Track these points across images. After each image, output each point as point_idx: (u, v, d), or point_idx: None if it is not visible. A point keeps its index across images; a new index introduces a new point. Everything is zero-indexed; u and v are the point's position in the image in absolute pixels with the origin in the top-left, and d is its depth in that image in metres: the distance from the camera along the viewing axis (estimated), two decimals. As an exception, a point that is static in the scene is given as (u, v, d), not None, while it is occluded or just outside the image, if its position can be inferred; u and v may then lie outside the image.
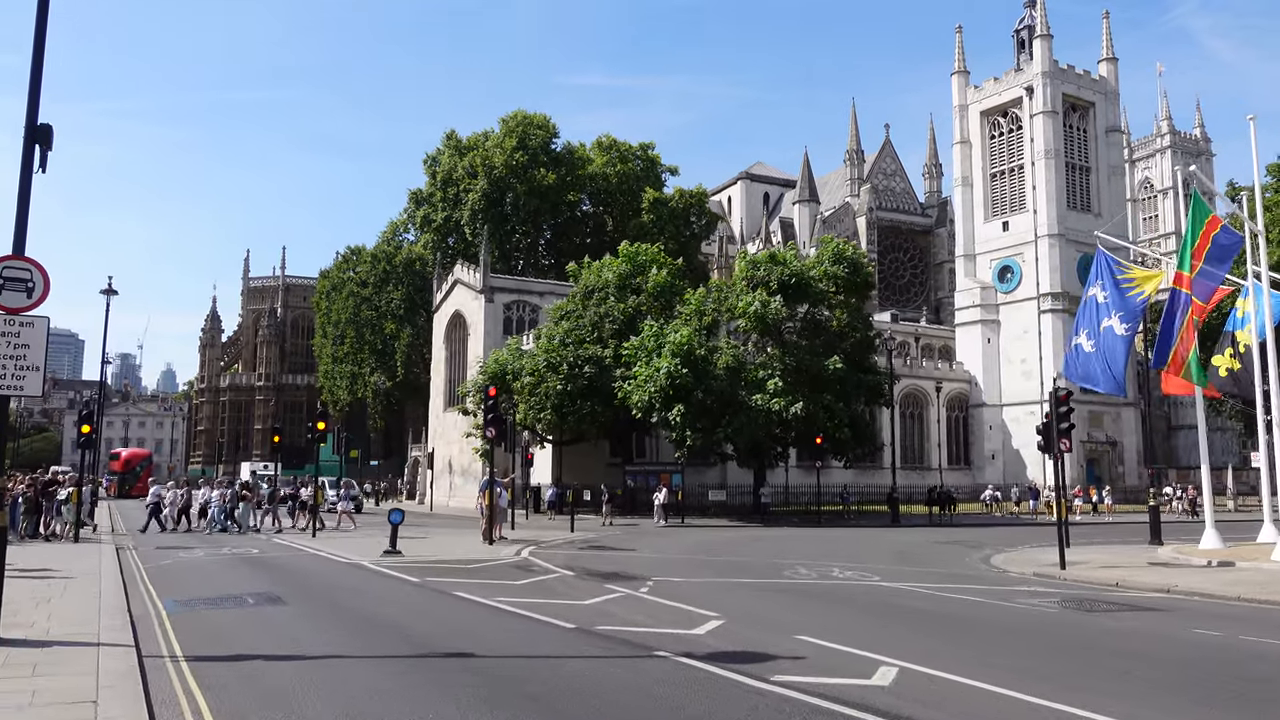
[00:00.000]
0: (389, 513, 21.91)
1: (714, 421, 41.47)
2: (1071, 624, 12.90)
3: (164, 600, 14.23)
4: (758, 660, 9.26)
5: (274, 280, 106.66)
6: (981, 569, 21.61)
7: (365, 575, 18.11)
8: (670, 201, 74.96)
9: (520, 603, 13.58)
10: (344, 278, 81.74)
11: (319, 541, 25.69)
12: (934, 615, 13.37)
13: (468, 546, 24.51)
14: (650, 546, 25.88)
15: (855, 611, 13.70)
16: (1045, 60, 69.64)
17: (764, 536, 31.56)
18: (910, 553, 25.35)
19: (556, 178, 70.93)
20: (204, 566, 19.85)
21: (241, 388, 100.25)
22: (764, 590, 16.23)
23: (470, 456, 57.20)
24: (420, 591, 15.51)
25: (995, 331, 71.34)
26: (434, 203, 75.57)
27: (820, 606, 14.22)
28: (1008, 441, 70.01)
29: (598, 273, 48.99)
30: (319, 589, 16.11)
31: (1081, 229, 69.95)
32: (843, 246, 47.18)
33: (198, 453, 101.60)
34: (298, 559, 21.71)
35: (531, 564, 20.14)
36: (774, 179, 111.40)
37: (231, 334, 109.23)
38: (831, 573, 19.04)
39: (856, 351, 45.65)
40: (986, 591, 16.52)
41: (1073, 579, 19.04)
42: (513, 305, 60.41)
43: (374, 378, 76.61)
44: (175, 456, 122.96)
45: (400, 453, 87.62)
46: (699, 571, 19.26)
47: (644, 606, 13.53)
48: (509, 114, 75.45)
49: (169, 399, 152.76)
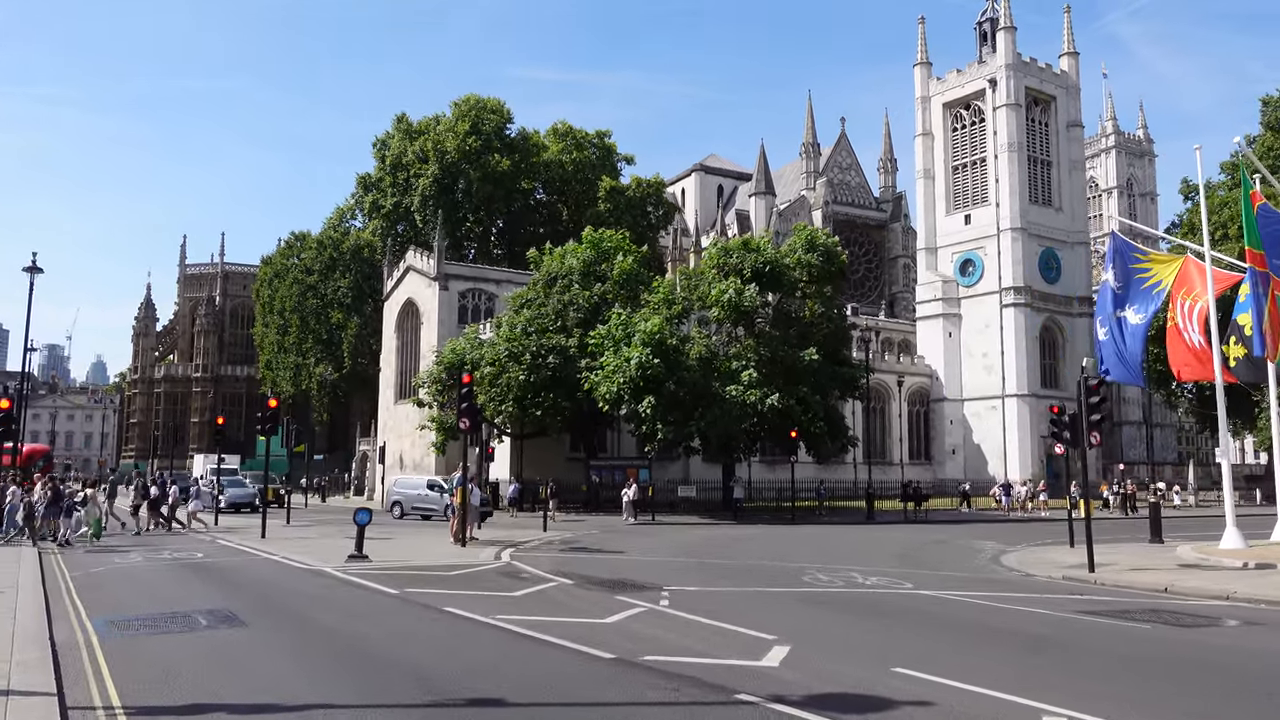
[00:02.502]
0: (355, 512, 19.54)
1: (686, 414, 39.60)
2: (1192, 644, 11.18)
3: (95, 620, 11.88)
4: (878, 709, 7.35)
5: (212, 268, 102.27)
6: (1002, 572, 20.02)
7: (332, 586, 15.83)
8: (627, 191, 73.07)
9: (529, 621, 11.49)
10: (288, 264, 78.24)
11: (272, 544, 23.20)
12: (1019, 636, 11.41)
13: (439, 549, 22.25)
14: (635, 548, 23.89)
15: (929, 631, 11.74)
16: (1009, 52, 68.95)
17: (747, 536, 29.72)
18: (914, 554, 23.72)
19: (511, 164, 68.50)
20: (142, 575, 17.39)
21: (177, 379, 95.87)
22: (800, 603, 14.25)
23: (423, 450, 54.65)
24: (404, 607, 13.32)
25: (957, 325, 70.60)
26: (383, 188, 72.61)
27: (881, 625, 12.26)
28: (968, 436, 69.35)
29: (560, 259, 46.83)
30: (282, 603, 13.84)
31: (1043, 223, 69.59)
32: (816, 234, 45.63)
33: (130, 447, 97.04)
34: (251, 565, 19.28)
35: (518, 570, 17.99)
36: (728, 171, 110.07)
37: (167, 323, 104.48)
38: (855, 579, 17.22)
39: (830, 343, 44.16)
40: (1038, 600, 14.84)
41: (1111, 584, 17.50)
42: (468, 293, 57.88)
43: (319, 369, 73.40)
44: (106, 450, 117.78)
45: (345, 446, 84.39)
46: (709, 578, 17.31)
47: (678, 625, 11.52)
48: (461, 98, 72.81)
49: (100, 391, 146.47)
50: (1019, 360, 66.61)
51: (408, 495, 41.34)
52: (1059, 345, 70.34)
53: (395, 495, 42.31)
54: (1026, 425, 66.02)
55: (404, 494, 41.77)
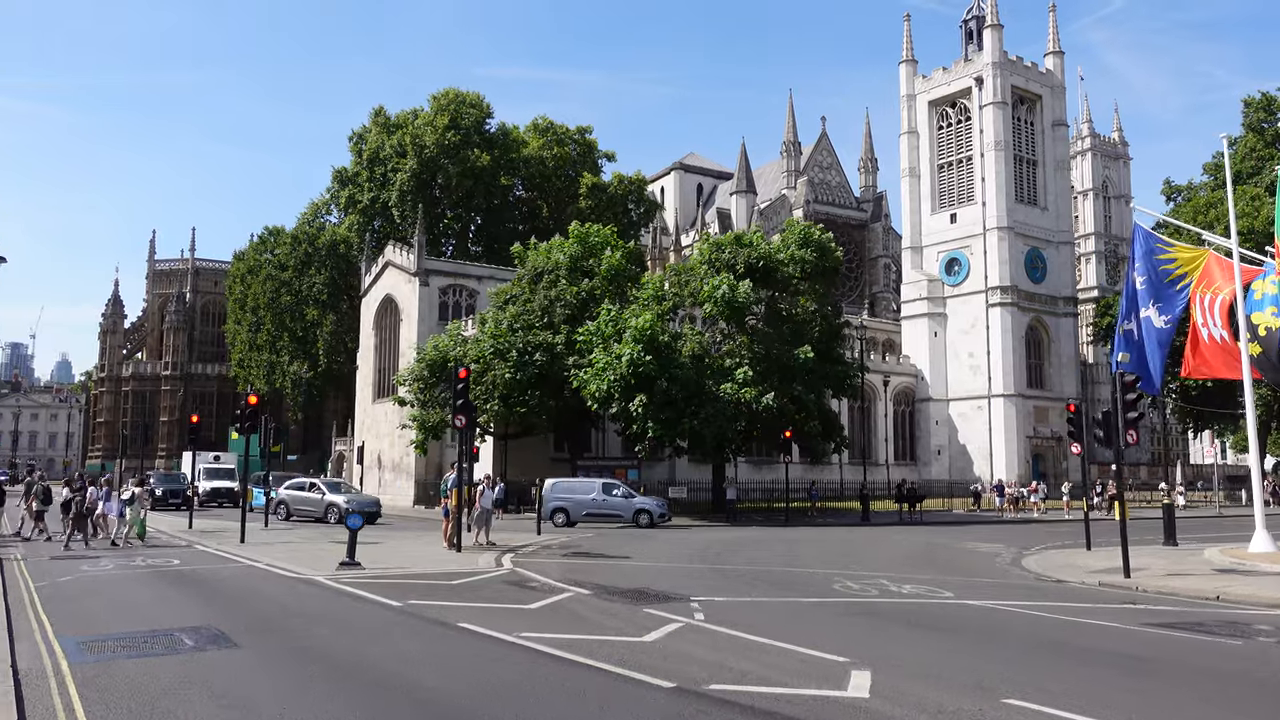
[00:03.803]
0: (346, 516, 18.12)
1: (679, 413, 38.40)
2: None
3: (65, 640, 10.51)
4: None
5: (183, 263, 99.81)
6: (1029, 577, 19.00)
7: (328, 597, 14.47)
8: (609, 188, 71.99)
9: (558, 640, 10.25)
10: (261, 260, 76.32)
11: (253, 550, 21.72)
12: (1112, 656, 10.12)
13: (433, 555, 20.90)
14: (640, 552, 22.66)
15: (1010, 650, 10.46)
16: (996, 50, 68.38)
17: (748, 539, 28.54)
18: (931, 557, 22.69)
19: (490, 160, 67.16)
20: (115, 585, 15.95)
21: (146, 377, 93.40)
22: (847, 616, 12.96)
23: (403, 450, 53.21)
24: (414, 623, 12.01)
25: (942, 325, 69.93)
26: (360, 182, 71.02)
27: (951, 643, 10.96)
28: (954, 436, 68.69)
29: (546, 254, 45.54)
30: (276, 619, 12.47)
31: (1029, 222, 69.09)
32: (810, 229, 44.56)
33: (97, 446, 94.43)
34: (233, 574, 17.85)
35: (525, 578, 16.70)
36: (708, 170, 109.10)
37: (135, 320, 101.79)
38: (887, 587, 16.11)
39: (824, 341, 43.13)
40: (1094, 611, 13.78)
41: (1154, 590, 16.52)
42: (449, 290, 56.47)
43: (294, 367, 71.52)
44: (72, 451, 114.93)
45: (320, 446, 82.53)
46: (733, 586, 16.11)
47: (728, 644, 10.29)
48: (440, 91, 71.33)
49: (65, 390, 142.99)
50: (1005, 360, 66.03)
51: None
52: (1044, 345, 69.91)
53: (555, 501, 35.43)
54: (1013, 426, 65.50)
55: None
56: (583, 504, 35.59)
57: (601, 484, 37.03)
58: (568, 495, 36.00)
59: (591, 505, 35.62)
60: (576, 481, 38.27)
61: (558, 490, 36.11)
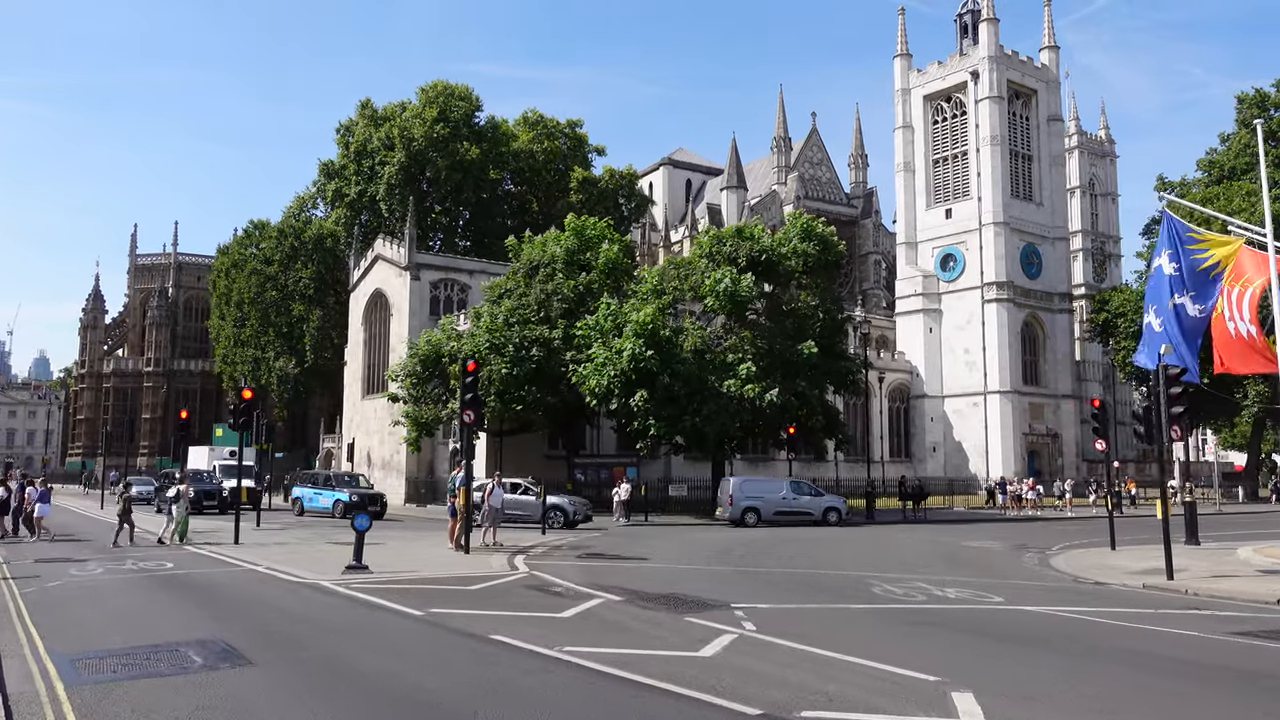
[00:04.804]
0: (353, 517, 17.07)
1: (681, 410, 37.51)
2: None
3: (57, 658, 9.46)
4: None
5: (165, 258, 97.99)
6: (1068, 579, 18.21)
7: (340, 605, 13.44)
8: (600, 182, 70.90)
9: (605, 655, 9.29)
10: (246, 254, 74.81)
11: (249, 551, 20.64)
12: (1221, 672, 9.26)
13: (441, 557, 19.89)
14: (655, 553, 21.74)
15: (1110, 666, 9.54)
16: (991, 44, 67.85)
17: (759, 538, 27.58)
18: (954, 557, 21.89)
19: (480, 153, 65.90)
20: (106, 591, 14.86)
21: (127, 373, 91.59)
22: (909, 625, 11.92)
23: (394, 447, 52.09)
24: (440, 634, 11.00)
25: (937, 321, 69.39)
26: (347, 175, 69.58)
27: (1036, 657, 9.98)
28: (949, 433, 68.19)
29: (542, 247, 44.56)
30: (289, 632, 11.44)
31: (1024, 218, 68.62)
32: (812, 222, 43.76)
33: (77, 444, 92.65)
34: (233, 578, 16.78)
35: (546, 582, 15.72)
36: (697, 166, 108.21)
37: (116, 316, 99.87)
38: (931, 591, 15.25)
39: (826, 335, 42.32)
40: (1158, 617, 12.97)
41: (1206, 593, 15.75)
42: (440, 284, 55.33)
43: (280, 363, 70.08)
44: (51, 449, 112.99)
45: (306, 444, 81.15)
46: (770, 592, 15.15)
47: (797, 660, 9.30)
48: (429, 84, 70.01)
49: (44, 386, 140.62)
50: (1001, 356, 65.52)
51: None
52: (1039, 342, 69.49)
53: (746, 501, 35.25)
54: (1010, 422, 65.01)
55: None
56: (772, 503, 35.54)
57: (789, 484, 37.56)
58: (758, 495, 35.74)
59: (781, 504, 35.73)
60: (765, 481, 38.92)
61: (747, 490, 35.99)
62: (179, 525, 23.25)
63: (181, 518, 23.23)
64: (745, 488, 36.16)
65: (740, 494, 35.29)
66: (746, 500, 35.13)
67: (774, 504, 35.53)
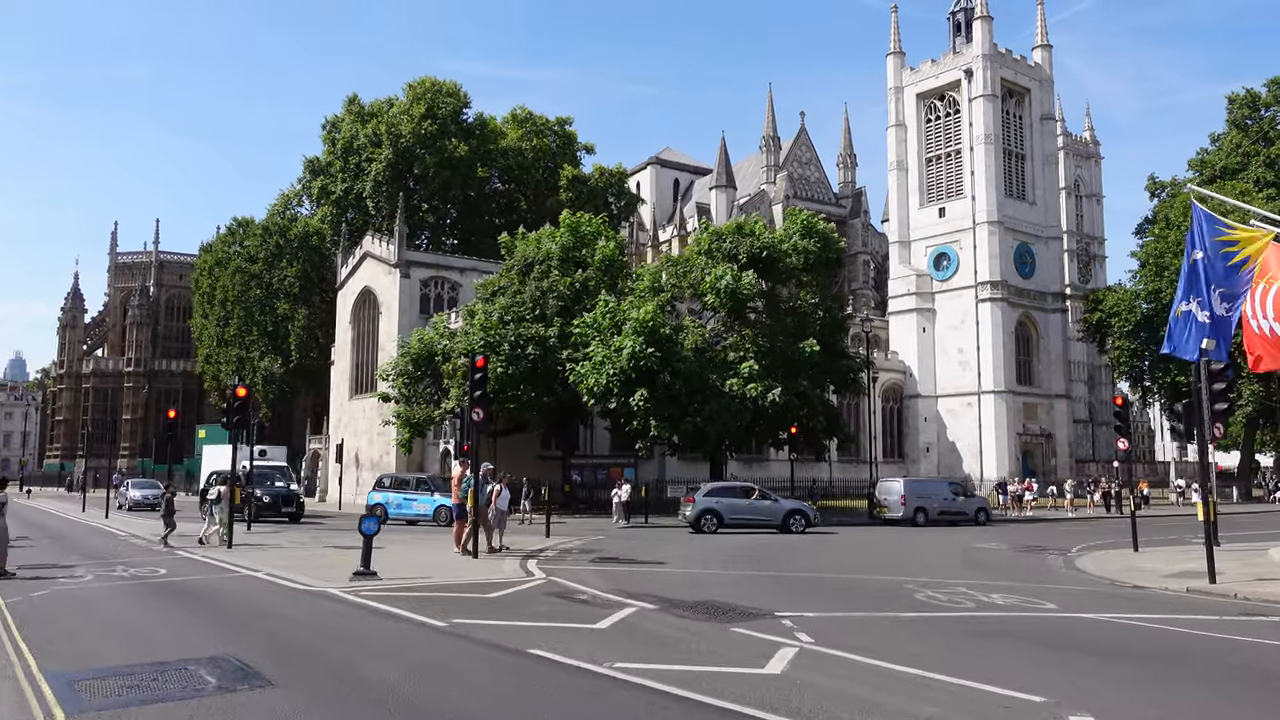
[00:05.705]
0: (361, 521, 16.15)
1: (682, 409, 36.76)
2: None
3: (52, 677, 8.51)
4: None
5: (146, 256, 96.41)
6: (1105, 583, 17.51)
7: (355, 615, 12.51)
8: (590, 180, 70.10)
9: (660, 672, 8.45)
10: (229, 252, 73.56)
11: (246, 556, 19.65)
12: None
13: (449, 561, 19.00)
14: (671, 557, 20.91)
15: (1210, 680, 8.77)
16: (985, 42, 67.41)
17: (774, 542, 26.60)
18: (977, 561, 21.20)
19: (468, 150, 65.01)
20: (101, 602, 13.88)
21: (107, 373, 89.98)
22: (972, 636, 11.05)
23: (383, 448, 51.11)
24: (470, 648, 10.11)
25: (931, 321, 68.89)
26: (333, 173, 68.55)
27: (1134, 672, 9.08)
28: (943, 434, 67.67)
29: (537, 244, 43.76)
30: (305, 646, 10.53)
31: (1018, 217, 68.20)
32: (813, 219, 43.18)
33: (55, 446, 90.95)
34: (233, 586, 15.82)
35: (569, 589, 14.84)
36: (684, 165, 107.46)
37: (96, 315, 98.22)
38: (976, 597, 14.49)
39: (826, 334, 41.70)
40: (1227, 625, 12.20)
41: (1259, 598, 15.09)
42: (430, 282, 54.37)
43: (264, 362, 68.84)
44: (28, 450, 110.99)
45: (290, 444, 79.80)
46: (811, 599, 14.21)
47: (882, 679, 8.40)
48: (416, 80, 69.06)
49: (20, 387, 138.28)
50: (995, 356, 65.06)
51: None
52: (1033, 342, 69.12)
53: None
54: (1004, 422, 64.54)
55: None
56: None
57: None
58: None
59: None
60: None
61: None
62: (222, 527, 22.57)
63: (225, 519, 22.48)
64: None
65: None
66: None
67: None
